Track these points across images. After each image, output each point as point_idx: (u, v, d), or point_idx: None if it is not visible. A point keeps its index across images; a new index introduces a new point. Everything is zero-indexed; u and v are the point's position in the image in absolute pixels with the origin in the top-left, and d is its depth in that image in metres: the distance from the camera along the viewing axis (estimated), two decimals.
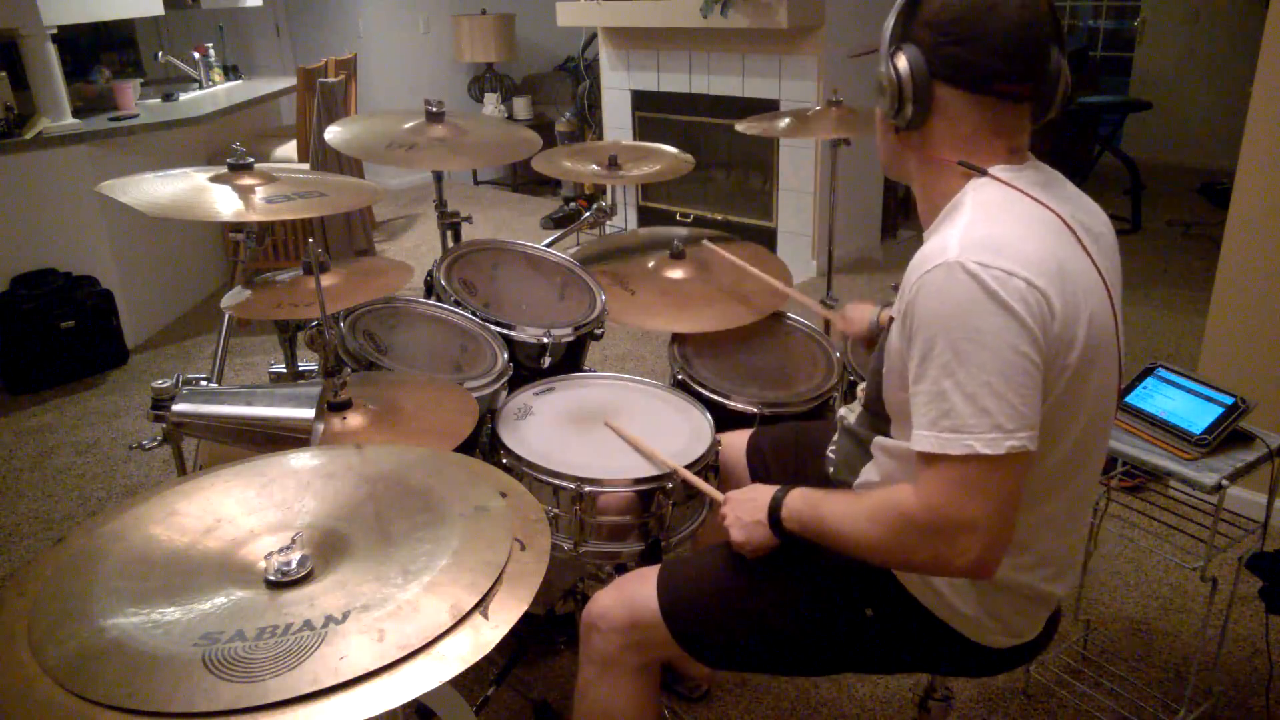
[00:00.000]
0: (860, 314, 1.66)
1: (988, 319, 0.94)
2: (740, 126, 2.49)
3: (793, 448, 1.57)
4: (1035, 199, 1.04)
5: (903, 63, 1.04)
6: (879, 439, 1.19)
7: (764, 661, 1.26)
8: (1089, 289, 1.02)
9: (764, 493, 1.21)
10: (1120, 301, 1.11)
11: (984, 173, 1.05)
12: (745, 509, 1.23)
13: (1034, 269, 0.96)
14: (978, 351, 0.94)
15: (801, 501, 1.16)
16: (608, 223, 2.53)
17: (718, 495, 1.37)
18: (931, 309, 0.97)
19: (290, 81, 4.80)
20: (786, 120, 2.52)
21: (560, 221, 5.43)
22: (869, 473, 1.22)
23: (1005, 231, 0.99)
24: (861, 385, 1.30)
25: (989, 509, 0.95)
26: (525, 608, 0.82)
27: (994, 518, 0.95)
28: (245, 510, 0.96)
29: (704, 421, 1.72)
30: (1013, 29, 1.01)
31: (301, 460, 1.05)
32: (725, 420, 1.77)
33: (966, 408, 0.94)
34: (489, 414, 1.74)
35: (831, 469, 1.34)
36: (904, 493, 1.01)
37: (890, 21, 1.06)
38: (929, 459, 0.97)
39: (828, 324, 2.58)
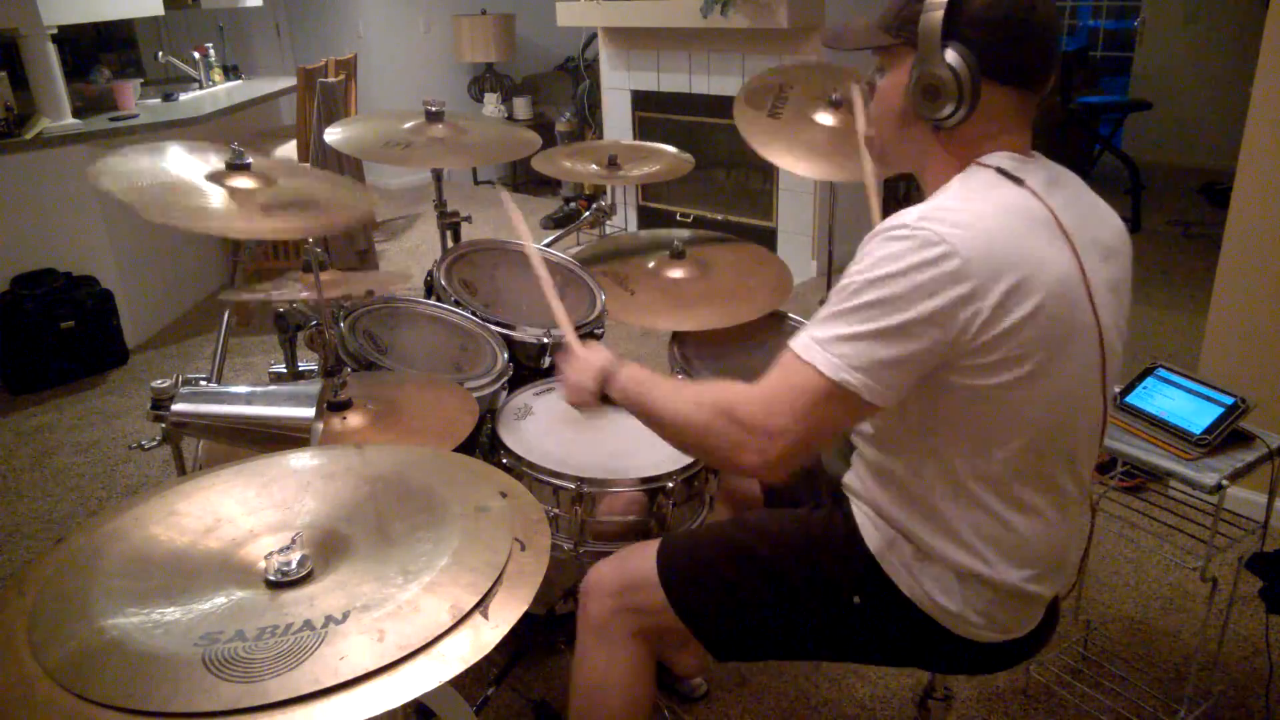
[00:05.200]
0: None
1: (900, 277, 0.97)
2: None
3: None
4: (1024, 186, 1.05)
5: (959, 64, 1.03)
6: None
7: (752, 636, 1.27)
8: (1056, 286, 1.01)
9: (598, 360, 1.25)
10: (1113, 304, 1.10)
11: (1021, 183, 1.05)
12: (581, 373, 1.27)
13: (977, 249, 0.97)
14: (875, 298, 0.98)
15: (632, 382, 1.20)
16: (608, 223, 2.53)
17: (573, 340, 1.39)
18: (868, 251, 1.02)
19: (290, 81, 4.80)
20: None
21: (560, 221, 5.43)
22: (856, 466, 1.23)
23: (970, 209, 1.01)
24: None
25: (795, 417, 1.01)
26: (525, 608, 0.82)
27: (801, 432, 1.01)
28: (245, 510, 0.96)
29: None
30: (1049, 24, 1.04)
31: (301, 460, 1.05)
32: None
33: (832, 330, 1.00)
34: (489, 414, 1.74)
35: (825, 460, 1.35)
36: (740, 384, 1.07)
37: (930, 18, 1.03)
38: (785, 354, 1.04)
39: None
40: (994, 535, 1.10)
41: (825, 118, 2.10)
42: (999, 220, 1.01)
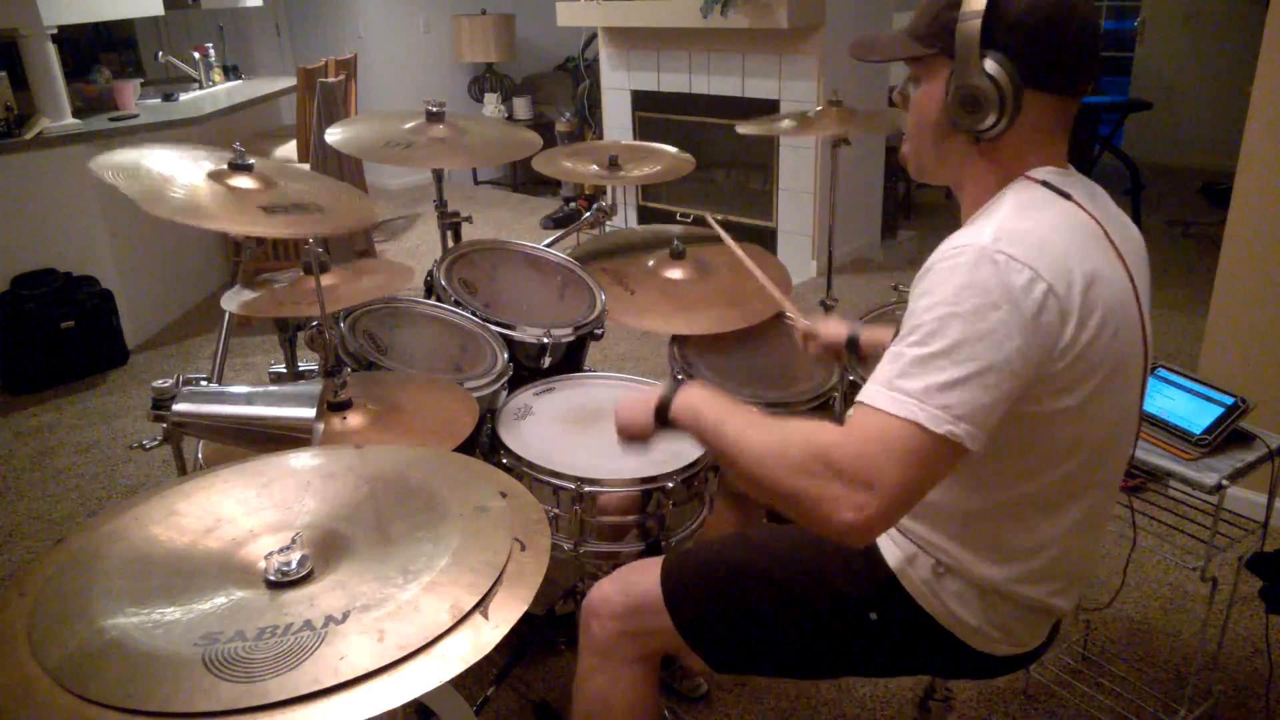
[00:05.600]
0: (834, 328, 1.60)
1: (992, 309, 0.91)
2: (741, 128, 2.48)
3: None
4: (1077, 203, 1.03)
5: (999, 73, 0.99)
6: None
7: (763, 658, 1.25)
8: (1118, 301, 1.00)
9: (650, 392, 1.18)
10: (1150, 320, 1.09)
11: (1068, 197, 1.02)
12: (633, 403, 1.20)
13: (1059, 274, 0.94)
14: (966, 335, 0.91)
15: (700, 398, 1.11)
16: (608, 223, 2.53)
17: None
18: (943, 279, 0.95)
19: (290, 81, 4.80)
20: (786, 121, 2.52)
21: (560, 221, 5.43)
22: None
23: (1040, 231, 0.97)
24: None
25: (900, 479, 0.90)
26: (525, 608, 0.82)
27: (899, 490, 0.91)
28: (245, 510, 0.96)
29: None
30: (1089, 26, 1.01)
31: (301, 460, 1.05)
32: None
33: (927, 379, 0.91)
34: (489, 414, 1.74)
35: None
36: (831, 429, 0.96)
37: (967, 27, 0.99)
38: (870, 410, 0.94)
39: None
40: (1027, 550, 1.08)
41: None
42: (1065, 237, 0.98)
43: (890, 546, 1.16)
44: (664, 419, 1.15)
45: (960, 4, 1.00)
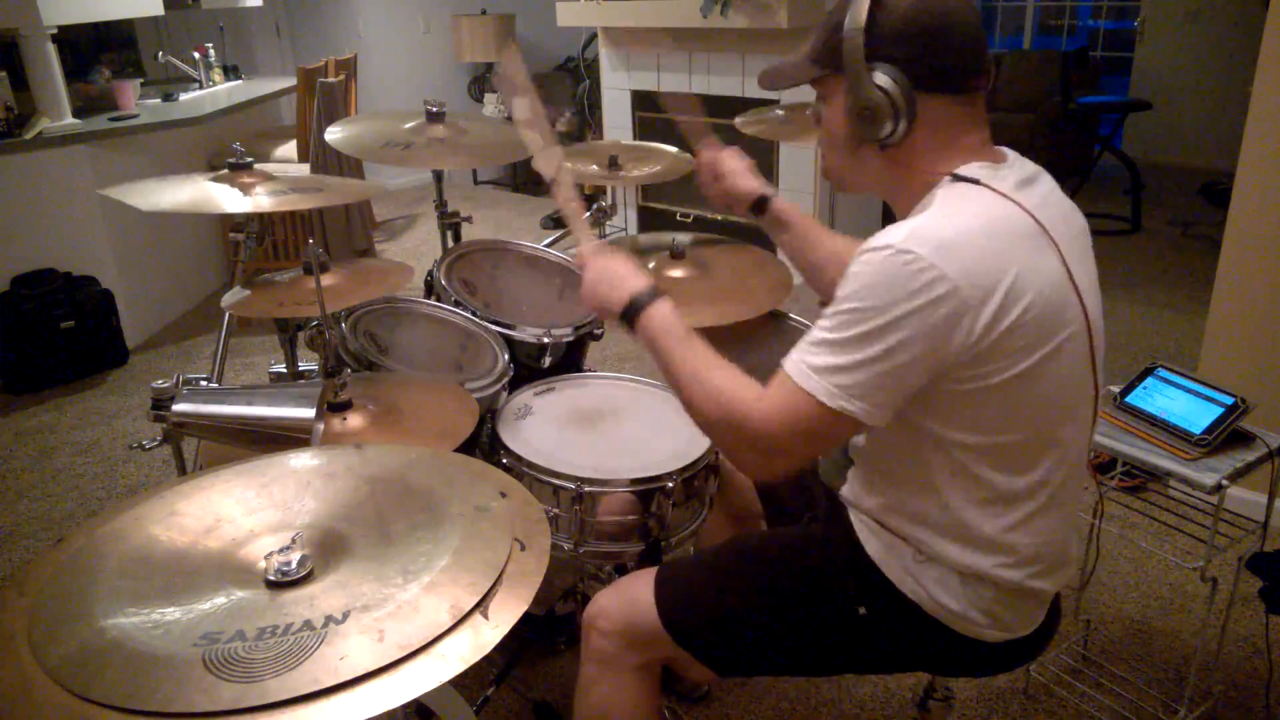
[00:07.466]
0: (743, 179, 1.71)
1: (895, 304, 0.98)
2: (738, 120, 2.48)
3: None
4: (1007, 196, 1.06)
5: (889, 83, 1.05)
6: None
7: (761, 661, 1.27)
8: (1048, 284, 1.03)
9: (629, 277, 1.25)
10: (1094, 297, 1.12)
11: (977, 183, 1.06)
12: (609, 287, 1.27)
13: (968, 271, 0.98)
14: (866, 325, 0.99)
15: (659, 328, 1.20)
16: (608, 223, 2.53)
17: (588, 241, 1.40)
18: (857, 271, 1.02)
19: (290, 81, 4.80)
20: (783, 114, 2.52)
21: (560, 221, 5.42)
22: (853, 476, 1.23)
23: (954, 225, 1.01)
24: None
25: (800, 448, 1.07)
26: (525, 608, 0.82)
27: (798, 455, 1.09)
28: (245, 510, 0.96)
29: None
30: (969, 26, 1.07)
31: (301, 460, 1.05)
32: None
33: (832, 360, 1.01)
34: (489, 414, 1.74)
35: (821, 472, 1.35)
36: (751, 393, 1.08)
37: (851, 44, 1.06)
38: (785, 380, 1.05)
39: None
40: (995, 533, 1.10)
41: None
42: (984, 233, 1.02)
43: (870, 539, 1.18)
44: (628, 321, 1.23)
45: (844, 25, 1.07)
